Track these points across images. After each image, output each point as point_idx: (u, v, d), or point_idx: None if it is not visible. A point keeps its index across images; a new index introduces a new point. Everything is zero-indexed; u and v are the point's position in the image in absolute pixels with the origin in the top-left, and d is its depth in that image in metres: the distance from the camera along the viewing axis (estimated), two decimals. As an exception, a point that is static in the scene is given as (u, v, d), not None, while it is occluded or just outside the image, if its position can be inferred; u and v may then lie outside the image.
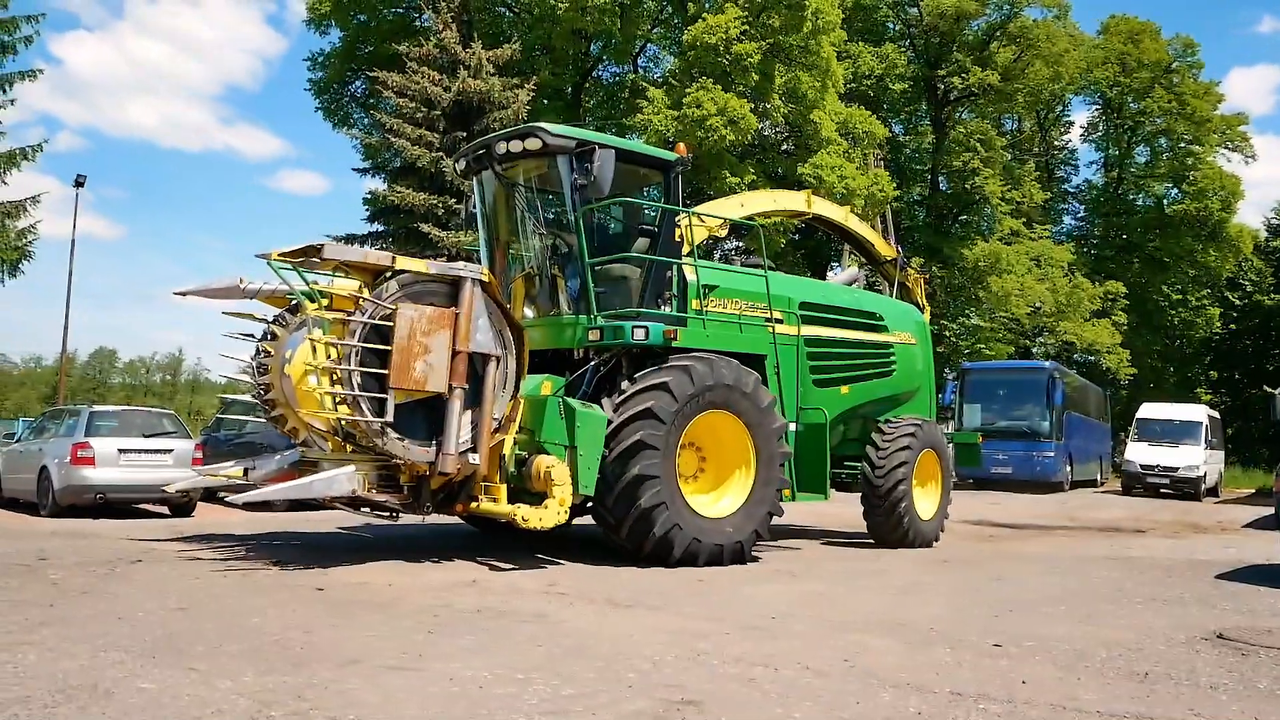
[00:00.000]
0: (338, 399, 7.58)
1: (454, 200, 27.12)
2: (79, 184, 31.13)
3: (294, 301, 8.52)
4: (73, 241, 37.45)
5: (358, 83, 35.95)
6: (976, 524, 14.97)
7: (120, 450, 13.25)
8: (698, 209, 11.09)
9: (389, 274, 7.86)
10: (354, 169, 30.36)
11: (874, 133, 30.13)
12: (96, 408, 14.61)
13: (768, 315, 9.87)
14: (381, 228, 29.55)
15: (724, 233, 12.12)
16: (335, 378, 7.53)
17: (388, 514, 8.69)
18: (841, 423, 11.06)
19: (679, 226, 9.62)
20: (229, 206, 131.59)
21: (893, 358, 11.61)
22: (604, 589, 7.24)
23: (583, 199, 8.94)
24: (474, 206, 10.25)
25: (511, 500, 8.04)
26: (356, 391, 7.52)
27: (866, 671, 4.78)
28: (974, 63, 35.77)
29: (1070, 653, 5.35)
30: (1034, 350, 39.91)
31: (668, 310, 9.35)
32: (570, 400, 8.36)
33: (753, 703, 4.18)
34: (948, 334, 35.84)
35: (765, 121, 30.28)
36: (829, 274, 12.78)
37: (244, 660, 4.56)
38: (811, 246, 36.09)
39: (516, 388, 8.30)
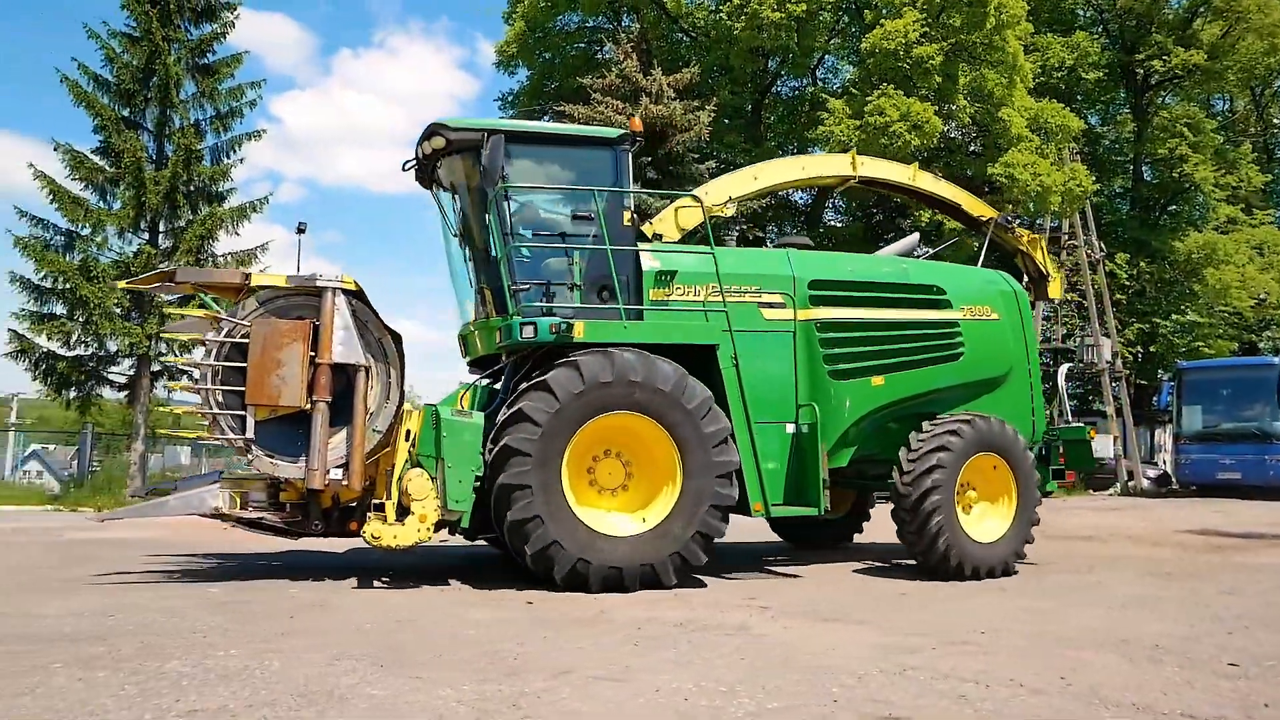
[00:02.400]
0: (200, 417, 7.68)
1: (641, 221, 27.58)
2: (300, 231, 33.18)
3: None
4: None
5: (546, 117, 37.18)
6: (1201, 533, 13.98)
7: None
8: (704, 186, 10.28)
9: (248, 291, 7.82)
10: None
11: (1068, 126, 28.70)
12: None
13: (721, 300, 8.56)
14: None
15: (730, 211, 10.05)
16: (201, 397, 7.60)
17: (288, 535, 8.29)
18: (890, 420, 9.28)
19: (627, 210, 8.61)
20: (436, 244, 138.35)
21: (958, 338, 9.50)
22: (806, 603, 7.21)
23: (481, 191, 8.46)
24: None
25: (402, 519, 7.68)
26: (215, 410, 7.55)
27: (1087, 690, 4.58)
28: (1176, 43, 33.55)
29: (1316, 670, 4.97)
30: (1260, 345, 36.99)
31: (614, 303, 8.34)
32: (441, 409, 7.95)
33: None
34: (1162, 331, 33.72)
35: (950, 123, 29.43)
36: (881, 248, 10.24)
37: (463, 670, 4.80)
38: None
39: (400, 399, 8.02)
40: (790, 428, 8.68)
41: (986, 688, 4.60)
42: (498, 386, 9.20)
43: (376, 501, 7.83)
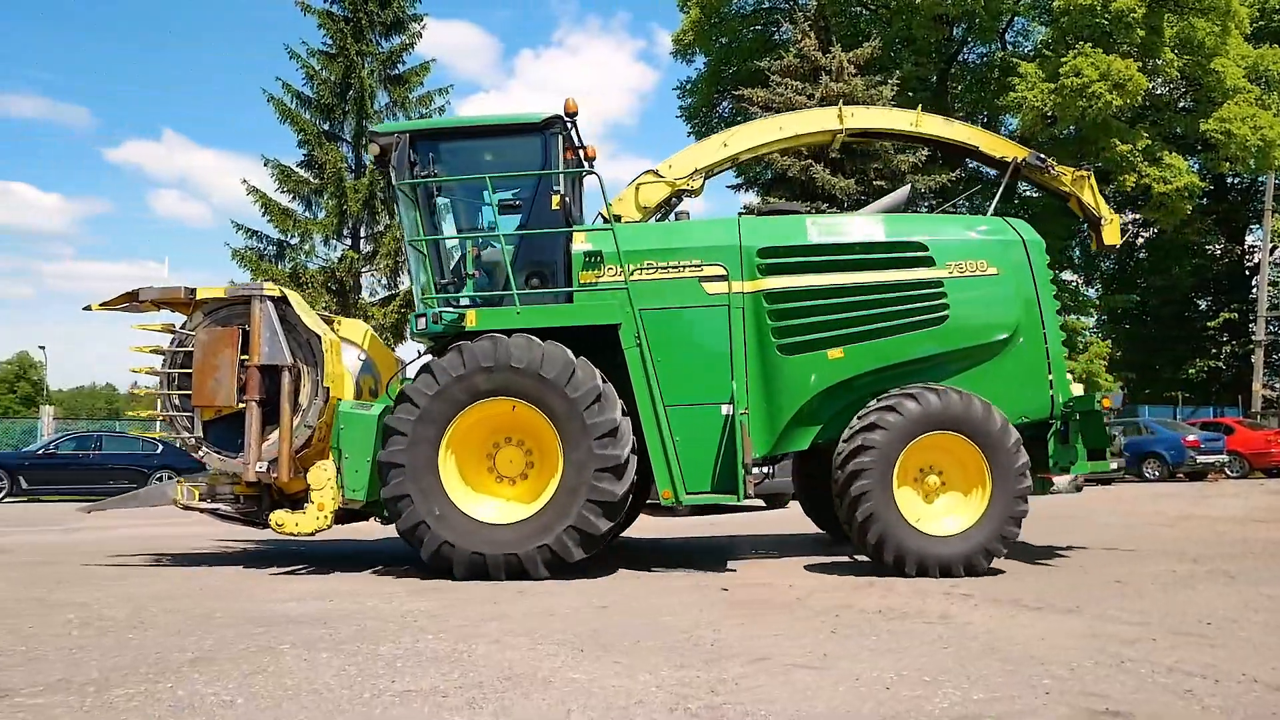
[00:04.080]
0: (159, 419, 8.62)
1: (826, 205, 27.20)
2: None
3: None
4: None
5: (725, 103, 37.15)
6: None
7: None
8: (668, 159, 9.73)
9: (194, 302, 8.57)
10: (728, 186, 31.32)
11: (1293, 73, 26.42)
12: None
13: (624, 277, 8.09)
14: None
15: (696, 184, 9.60)
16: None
17: (247, 524, 8.90)
18: (869, 396, 8.08)
19: (556, 193, 8.37)
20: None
21: (941, 300, 8.22)
22: (1009, 590, 6.92)
23: (397, 188, 8.59)
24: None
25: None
26: (171, 412, 8.52)
27: (1333, 684, 4.19)
28: None
29: None
30: None
31: (545, 288, 8.35)
32: (342, 402, 8.25)
33: (1191, 718, 3.82)
34: None
35: (1156, 80, 27.59)
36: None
37: (660, 655, 4.85)
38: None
39: (325, 396, 8.38)
40: (726, 409, 8.01)
41: (1216, 682, 4.28)
42: None
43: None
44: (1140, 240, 40.17)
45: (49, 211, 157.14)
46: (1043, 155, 10.06)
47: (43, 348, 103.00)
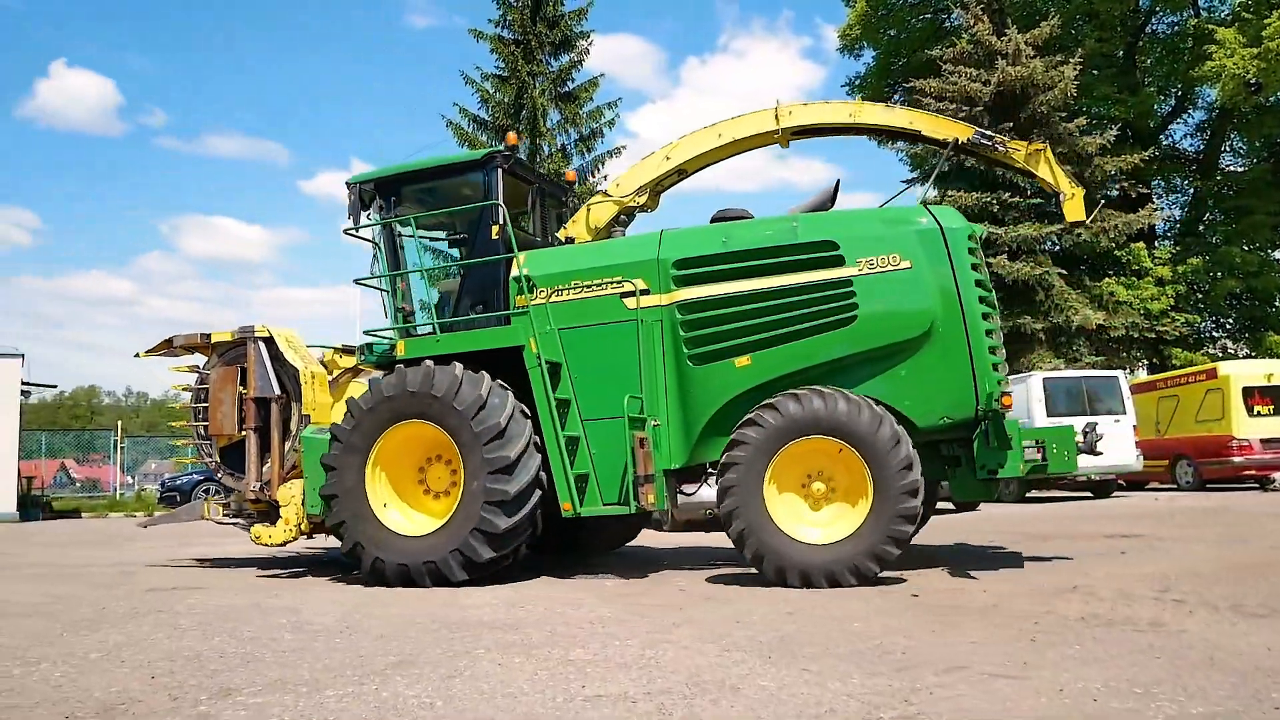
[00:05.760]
0: (190, 445, 10.37)
1: (1007, 194, 26.22)
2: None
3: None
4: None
5: (896, 96, 36.31)
6: None
7: None
8: (616, 178, 10.14)
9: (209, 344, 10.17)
10: (902, 181, 30.61)
11: None
12: None
13: (527, 300, 8.42)
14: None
15: (642, 199, 9.93)
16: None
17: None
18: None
19: (495, 224, 8.72)
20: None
21: (850, 299, 7.84)
22: (1228, 594, 6.44)
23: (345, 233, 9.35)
24: None
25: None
26: (197, 440, 10.21)
27: None
28: None
29: None
30: None
31: (489, 312, 8.85)
32: (308, 428, 9.29)
33: None
34: None
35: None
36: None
37: (850, 663, 4.75)
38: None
39: (299, 423, 9.58)
40: (654, 422, 8.08)
41: None
42: None
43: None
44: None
45: (252, 243, 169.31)
46: (990, 132, 9.47)
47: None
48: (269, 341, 9.83)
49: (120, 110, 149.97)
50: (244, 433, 9.80)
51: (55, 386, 43.02)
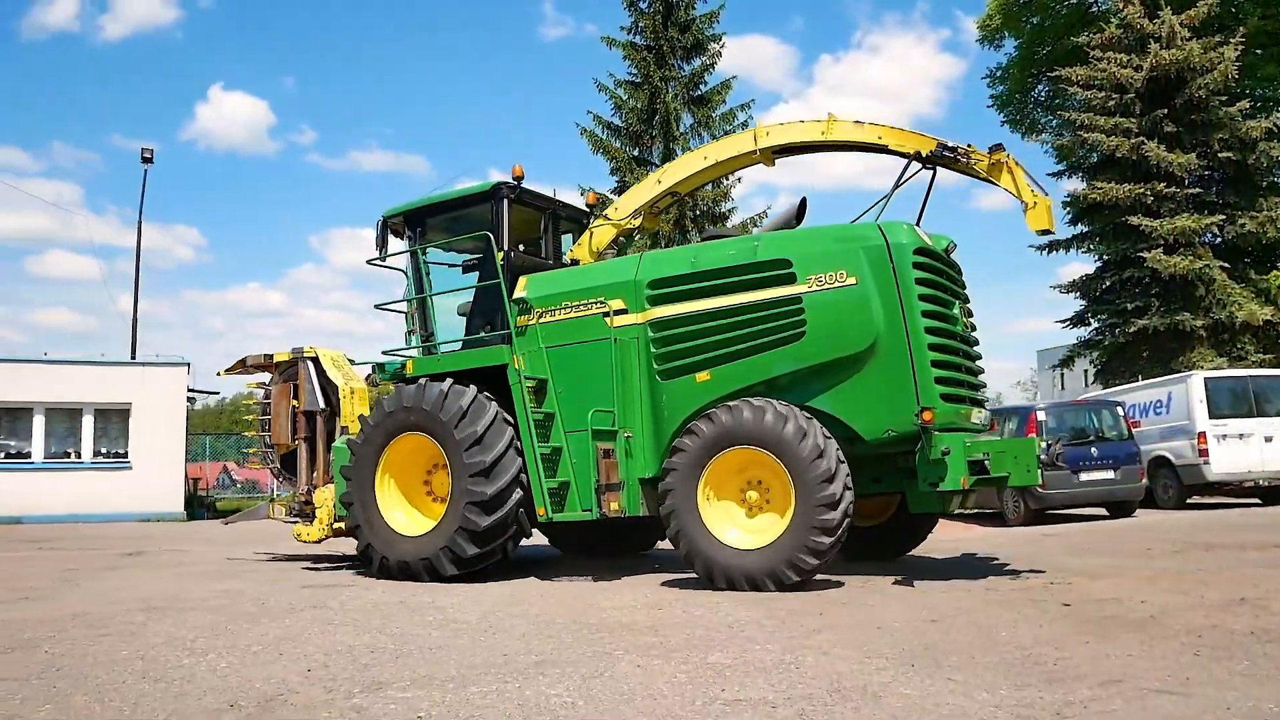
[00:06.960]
0: (258, 454, 11.80)
1: (1163, 185, 25.00)
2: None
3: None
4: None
5: (1040, 87, 35.07)
6: None
7: None
8: (615, 202, 10.49)
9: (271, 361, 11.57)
10: (1048, 174, 29.50)
11: None
12: None
13: (514, 321, 9.11)
14: (1086, 228, 28.31)
15: (637, 223, 10.18)
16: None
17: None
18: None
19: (499, 251, 9.35)
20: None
21: (799, 316, 7.98)
22: None
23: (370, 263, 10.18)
24: None
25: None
26: (263, 449, 11.55)
27: None
28: None
29: None
30: None
31: (495, 332, 9.42)
32: (341, 438, 10.19)
33: None
34: None
35: None
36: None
37: (997, 673, 4.60)
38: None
39: (334, 433, 10.86)
40: (624, 435, 8.62)
41: None
42: None
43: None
44: None
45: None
46: (952, 144, 8.87)
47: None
48: (315, 361, 11.12)
49: (271, 130, 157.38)
50: (297, 442, 11.13)
51: (218, 393, 45.41)
